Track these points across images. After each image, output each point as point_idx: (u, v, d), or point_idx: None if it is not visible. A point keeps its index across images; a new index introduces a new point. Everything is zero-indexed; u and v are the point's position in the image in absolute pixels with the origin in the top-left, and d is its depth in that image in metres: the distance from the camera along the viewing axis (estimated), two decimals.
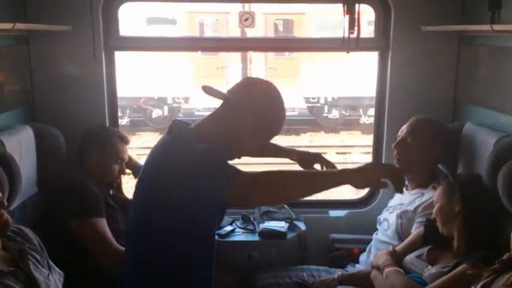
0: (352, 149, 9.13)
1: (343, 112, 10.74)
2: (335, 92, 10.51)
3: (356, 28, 2.37)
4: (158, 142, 1.71)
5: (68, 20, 2.46)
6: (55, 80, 2.59)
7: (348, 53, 2.47)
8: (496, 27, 1.92)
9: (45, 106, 2.57)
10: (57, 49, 2.57)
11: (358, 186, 1.60)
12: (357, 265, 2.54)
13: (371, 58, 2.99)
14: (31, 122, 2.34)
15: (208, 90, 1.65)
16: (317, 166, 2.22)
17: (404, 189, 2.47)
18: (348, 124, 10.73)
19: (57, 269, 1.73)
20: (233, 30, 10.86)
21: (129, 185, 4.92)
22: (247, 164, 2.81)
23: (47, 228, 2.07)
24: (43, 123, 2.37)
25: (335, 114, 10.69)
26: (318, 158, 2.23)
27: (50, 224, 2.14)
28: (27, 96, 2.53)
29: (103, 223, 2.18)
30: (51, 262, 1.71)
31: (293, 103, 10.70)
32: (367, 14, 2.74)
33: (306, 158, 2.25)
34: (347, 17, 2.34)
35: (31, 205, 2.17)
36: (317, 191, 1.60)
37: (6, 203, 1.50)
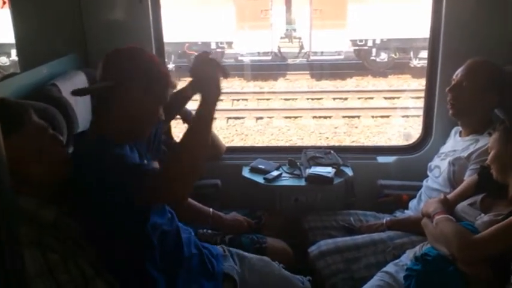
0: (401, 94, 8.86)
1: (392, 55, 10.34)
2: (384, 34, 10.08)
3: None
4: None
5: None
6: (105, 26, 2.62)
7: None
8: None
9: (97, 52, 2.60)
10: None
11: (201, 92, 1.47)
12: (406, 211, 2.52)
13: None
14: (84, 68, 2.38)
15: (80, 91, 1.69)
16: None
17: (457, 135, 2.40)
18: (397, 68, 10.33)
19: None
20: None
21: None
22: None
23: None
24: (95, 69, 2.42)
25: (383, 57, 10.29)
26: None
27: None
28: (80, 42, 2.58)
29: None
30: None
31: (338, 47, 10.39)
32: None
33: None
34: None
35: None
36: (206, 138, 1.47)
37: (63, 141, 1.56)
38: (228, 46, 10.74)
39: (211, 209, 2.35)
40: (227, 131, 7.57)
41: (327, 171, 2.58)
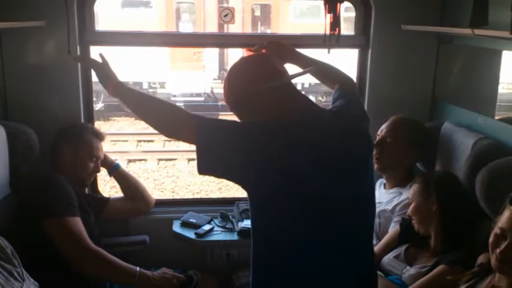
0: None
1: (320, 98, 10.72)
2: (308, 79, 10.47)
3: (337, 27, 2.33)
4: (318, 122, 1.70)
5: (41, 15, 2.35)
6: (28, 77, 2.49)
7: (328, 52, 2.44)
8: (478, 31, 1.90)
9: (18, 104, 2.47)
10: (31, 45, 2.47)
11: None
12: None
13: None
14: (3, 121, 2.24)
15: None
16: None
17: (382, 188, 2.49)
18: None
19: (31, 279, 1.68)
20: (210, 15, 10.75)
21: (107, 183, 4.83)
22: None
23: (20, 231, 2.01)
24: (15, 122, 2.29)
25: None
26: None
27: (23, 226, 2.07)
28: None
29: (78, 222, 2.12)
30: (25, 272, 1.66)
31: None
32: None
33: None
34: (328, 16, 2.29)
35: (4, 207, 2.09)
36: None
37: None
38: (160, 86, 10.68)
39: (138, 268, 2.24)
40: (158, 173, 7.44)
41: None
